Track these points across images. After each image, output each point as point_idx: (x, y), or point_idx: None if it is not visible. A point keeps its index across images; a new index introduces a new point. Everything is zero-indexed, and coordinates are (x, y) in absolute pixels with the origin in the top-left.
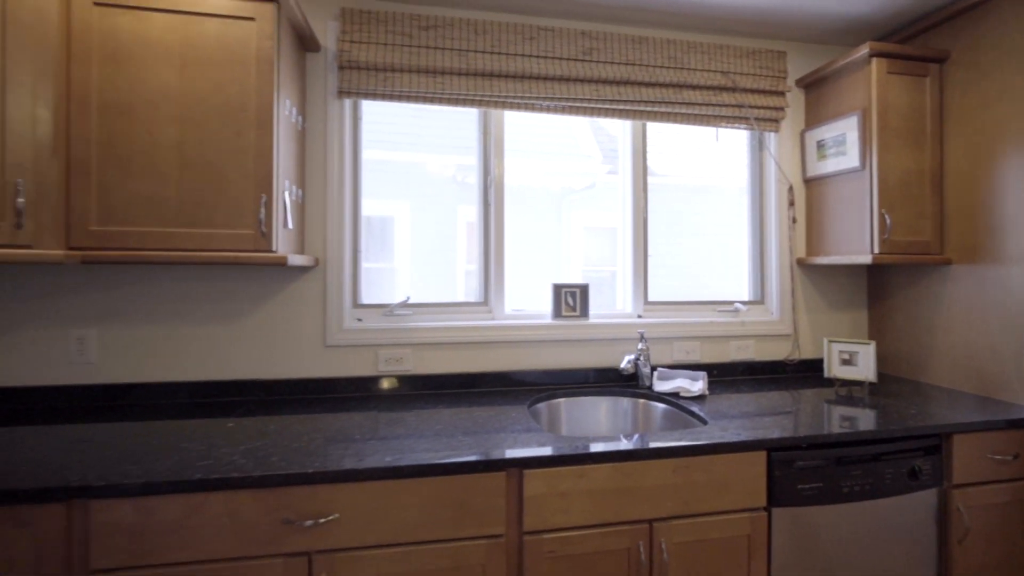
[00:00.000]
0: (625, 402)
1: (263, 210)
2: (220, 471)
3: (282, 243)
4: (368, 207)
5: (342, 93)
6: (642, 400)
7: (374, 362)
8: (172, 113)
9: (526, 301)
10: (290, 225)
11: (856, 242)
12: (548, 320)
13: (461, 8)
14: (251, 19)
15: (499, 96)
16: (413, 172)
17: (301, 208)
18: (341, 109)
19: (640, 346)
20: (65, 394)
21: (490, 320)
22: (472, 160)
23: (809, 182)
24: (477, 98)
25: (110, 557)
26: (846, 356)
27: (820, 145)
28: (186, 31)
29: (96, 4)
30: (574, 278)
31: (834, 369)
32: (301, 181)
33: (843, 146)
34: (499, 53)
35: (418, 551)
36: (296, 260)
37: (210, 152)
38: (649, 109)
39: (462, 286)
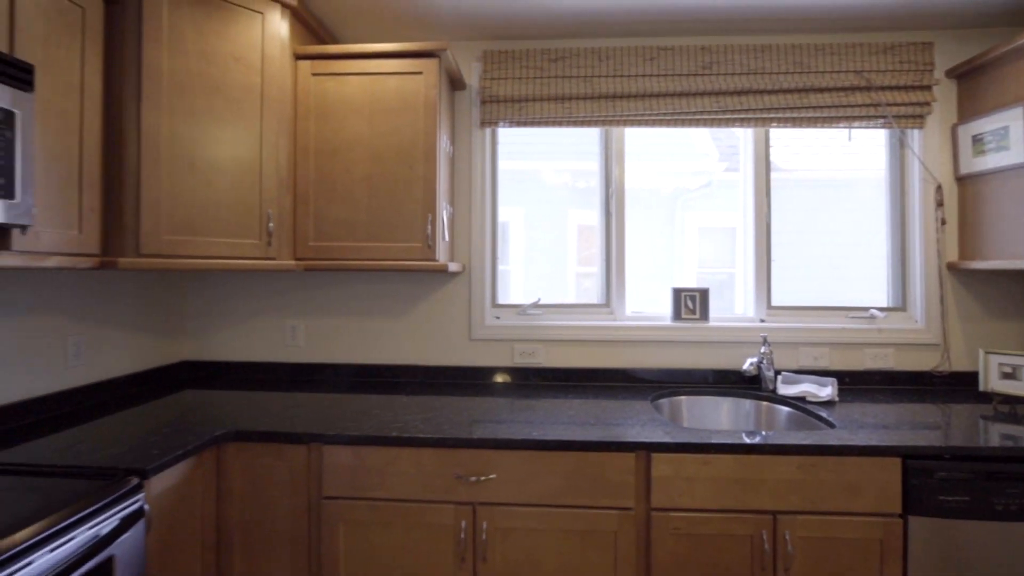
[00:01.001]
0: (747, 403)
1: (429, 227)
2: (409, 432)
3: (441, 253)
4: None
5: (484, 123)
6: (765, 403)
7: (510, 354)
8: (363, 154)
9: (641, 303)
10: (446, 238)
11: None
12: (668, 322)
13: (587, 38)
14: (419, 73)
15: (621, 115)
16: (528, 179)
17: (452, 222)
18: (483, 136)
19: (763, 350)
20: (281, 368)
21: (612, 321)
22: (584, 165)
23: (963, 180)
24: (601, 119)
25: (336, 488)
26: (1008, 369)
27: (977, 140)
28: (373, 89)
29: (313, 75)
30: (688, 280)
31: (992, 383)
32: (452, 199)
33: (1005, 140)
34: (621, 76)
35: (560, 513)
36: (452, 267)
37: (390, 182)
38: (773, 116)
39: (573, 287)
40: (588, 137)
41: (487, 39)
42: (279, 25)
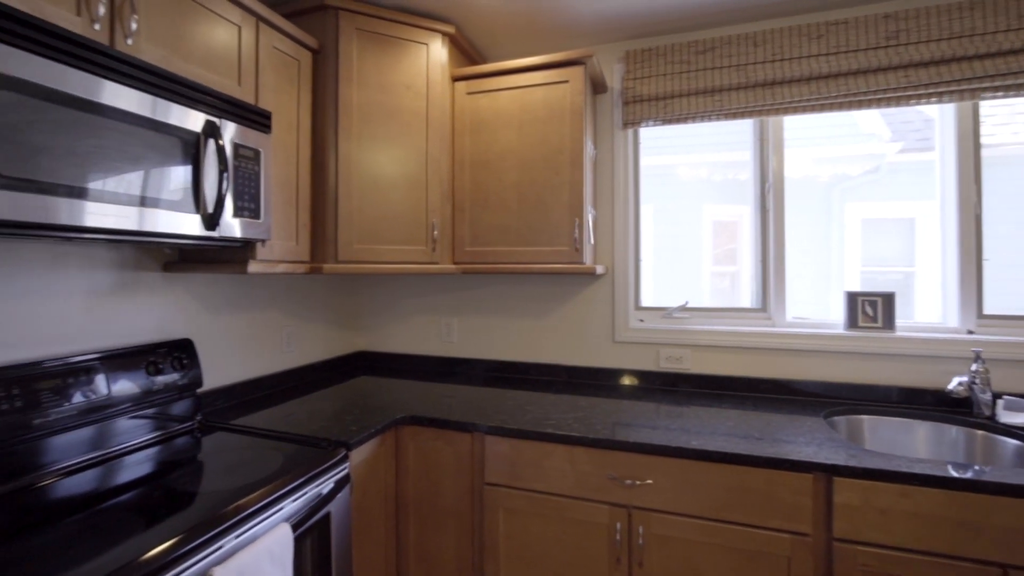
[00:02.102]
0: (954, 430)
1: (576, 230)
2: (563, 430)
3: (588, 256)
4: None
5: (626, 125)
6: (981, 431)
7: (655, 359)
8: (513, 163)
9: (797, 306)
10: (591, 241)
11: None
12: (840, 331)
13: (739, 24)
14: (565, 82)
15: (780, 103)
16: (660, 175)
17: (595, 225)
18: (624, 137)
19: (974, 367)
20: (437, 361)
21: (769, 327)
22: (724, 156)
23: None
24: (755, 109)
25: (496, 475)
26: None
27: None
28: (522, 101)
29: (468, 94)
30: (851, 282)
31: None
32: (594, 202)
33: None
34: (781, 59)
35: (723, 529)
36: (599, 269)
37: (538, 189)
38: (985, 85)
39: (707, 287)
40: (732, 127)
41: (629, 39)
42: (440, 52)
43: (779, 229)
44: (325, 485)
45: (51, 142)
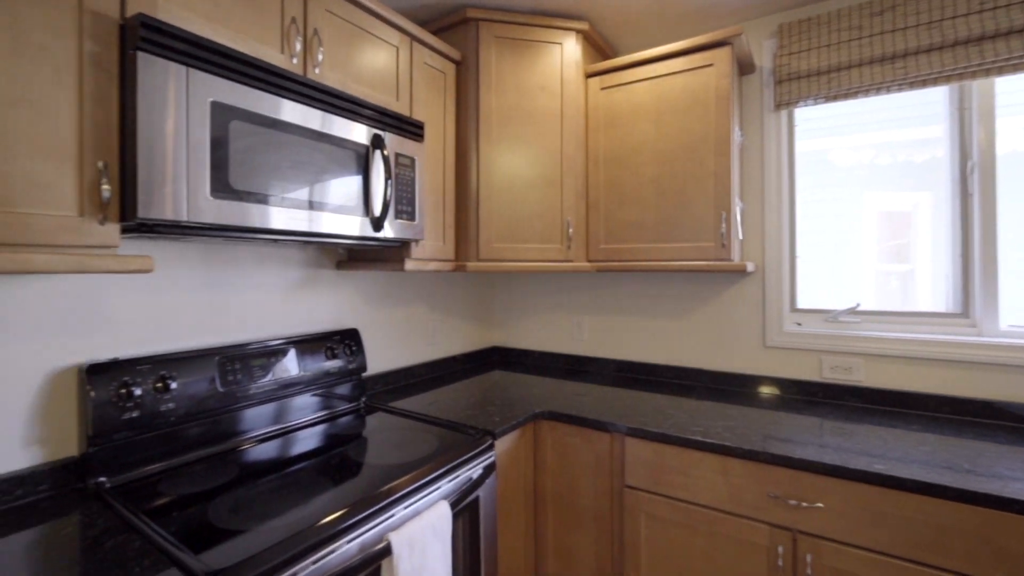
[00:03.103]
0: None
1: (723, 225)
2: (712, 437)
3: (736, 252)
4: None
5: (779, 106)
6: None
7: (817, 368)
8: (650, 156)
9: (1010, 312)
10: (740, 236)
11: None
12: None
13: None
14: (709, 65)
15: (992, 62)
16: (809, 161)
17: (743, 218)
18: (777, 120)
19: None
20: (567, 359)
21: (974, 336)
22: (896, 135)
23: None
24: (954, 72)
25: (637, 479)
26: None
27: None
28: (659, 91)
29: (602, 89)
30: None
31: None
32: (742, 193)
33: None
34: (993, 8)
35: (921, 572)
36: (749, 267)
37: (678, 182)
38: None
39: (872, 288)
40: (910, 99)
41: (780, 11)
42: (574, 50)
43: (988, 217)
44: (475, 470)
45: (264, 160)
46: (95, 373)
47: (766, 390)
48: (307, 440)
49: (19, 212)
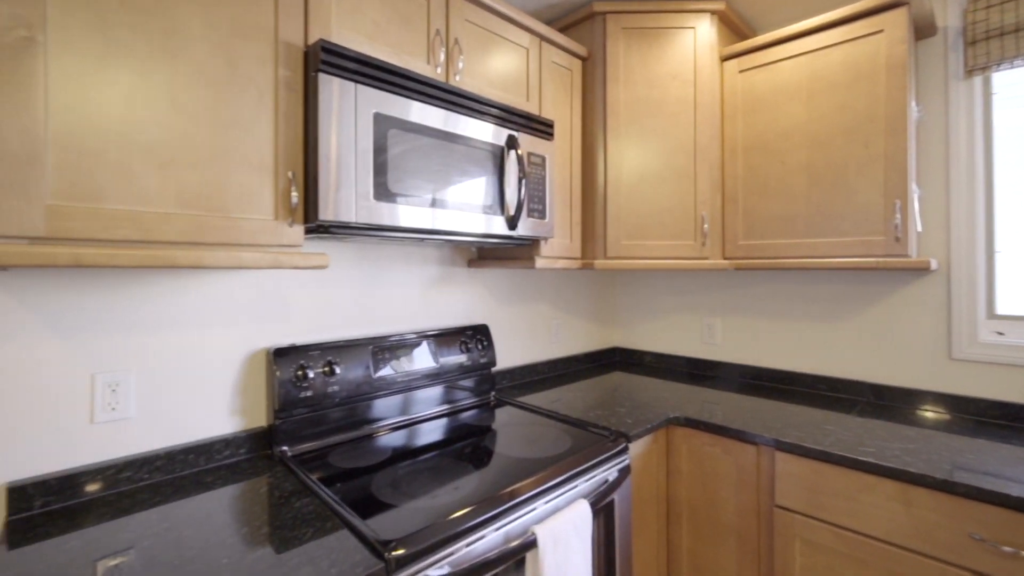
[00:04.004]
0: None
1: (897, 215)
2: (888, 461)
3: (913, 247)
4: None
5: (971, 71)
6: None
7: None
8: (800, 141)
9: None
10: (919, 227)
11: None
12: None
13: None
14: (878, 32)
15: None
16: (1018, 135)
17: (921, 207)
18: (968, 90)
19: None
20: (696, 363)
21: None
22: None
23: None
24: None
25: (790, 499)
26: None
27: None
28: (811, 67)
29: (740, 72)
30: None
31: None
32: (918, 177)
33: None
34: None
35: None
36: (933, 264)
37: (836, 168)
38: None
39: None
40: None
41: None
42: (708, 33)
43: None
44: (610, 472)
45: (414, 164)
46: (280, 356)
47: (949, 410)
48: (446, 428)
49: (233, 217)
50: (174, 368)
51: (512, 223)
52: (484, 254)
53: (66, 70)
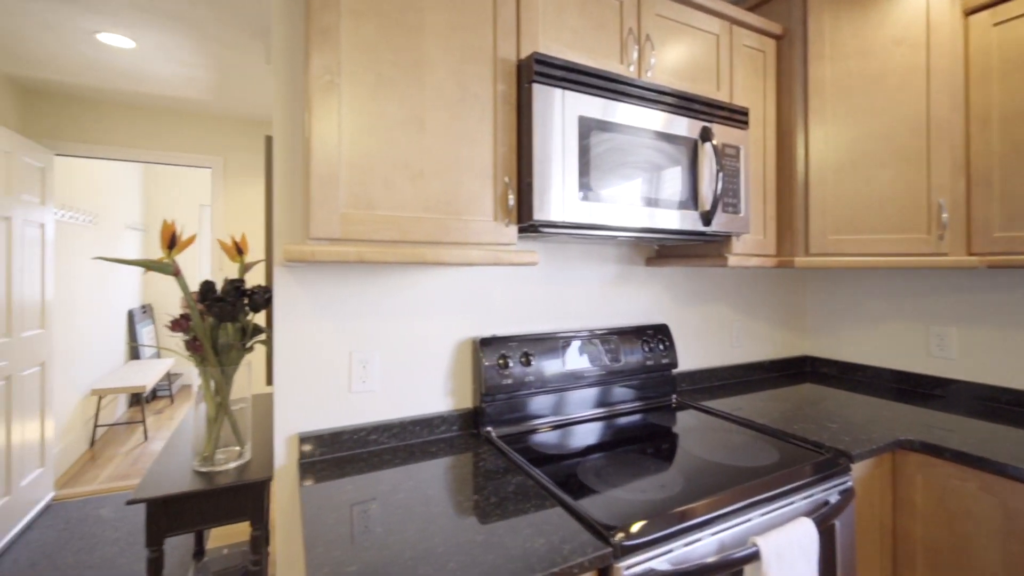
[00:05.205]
0: None
1: None
2: None
3: None
4: None
5: None
6: None
7: None
8: None
9: None
10: None
11: None
12: None
13: None
14: None
15: None
16: None
17: None
18: None
19: None
20: (910, 378)
21: None
22: None
23: None
24: None
25: None
26: None
27: None
28: None
29: (994, 25)
30: None
31: None
32: None
33: None
34: None
35: None
36: None
37: None
38: None
39: None
40: None
41: None
42: None
43: None
44: (831, 494)
45: (611, 163)
46: (485, 345)
47: None
48: (634, 426)
49: (464, 219)
50: (404, 351)
51: (707, 219)
52: (665, 252)
53: (352, 104)
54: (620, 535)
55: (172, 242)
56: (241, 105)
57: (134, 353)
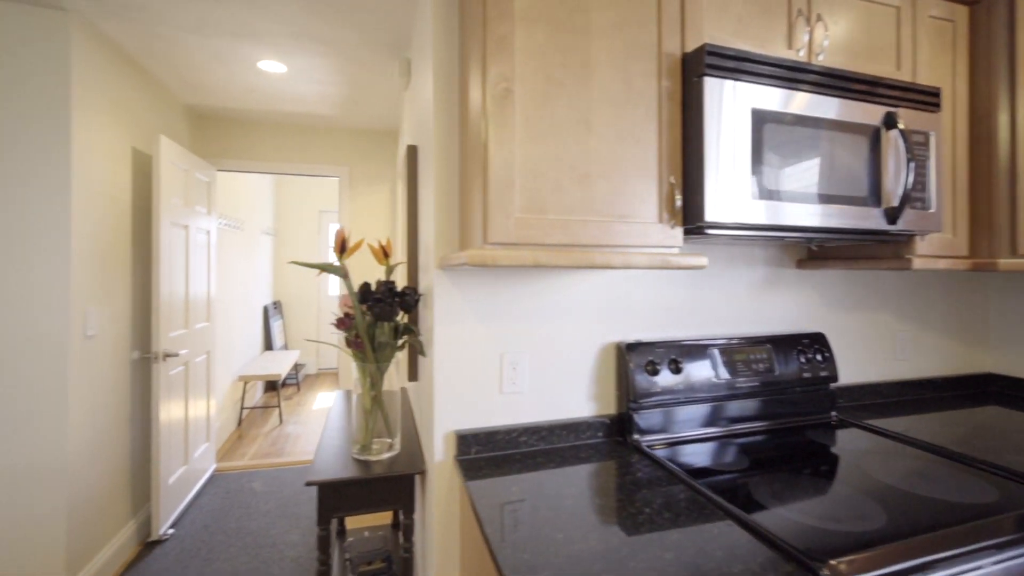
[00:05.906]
0: None
1: None
2: None
3: None
4: None
5: None
6: None
7: None
8: None
9: None
10: None
11: None
12: None
13: None
14: None
15: None
16: None
17: None
18: None
19: None
20: None
21: None
22: None
23: None
24: None
25: None
26: None
27: None
28: None
29: None
30: None
31: None
32: None
33: None
34: None
35: None
36: None
37: None
38: None
39: None
40: None
41: None
42: None
43: None
44: None
45: (785, 158)
46: (631, 350)
47: None
48: (795, 444)
49: (628, 221)
50: (551, 354)
51: (892, 216)
52: (821, 253)
53: (525, 109)
54: (838, 566)
55: (343, 247)
56: (366, 118)
57: (268, 344)
